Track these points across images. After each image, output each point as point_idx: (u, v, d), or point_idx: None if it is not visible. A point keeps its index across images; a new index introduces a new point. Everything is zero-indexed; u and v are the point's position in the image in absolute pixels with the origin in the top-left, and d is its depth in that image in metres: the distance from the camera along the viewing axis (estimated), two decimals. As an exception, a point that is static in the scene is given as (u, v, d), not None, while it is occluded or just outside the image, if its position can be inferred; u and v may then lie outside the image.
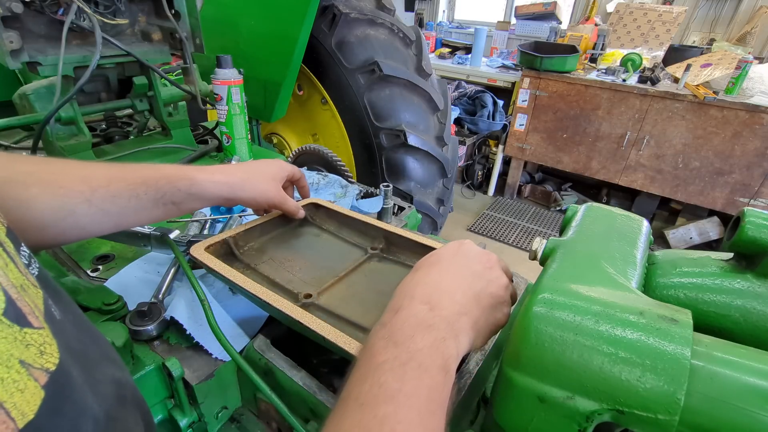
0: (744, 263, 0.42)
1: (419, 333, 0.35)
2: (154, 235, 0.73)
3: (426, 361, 0.34)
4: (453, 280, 0.42)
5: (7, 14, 0.81)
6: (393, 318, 0.37)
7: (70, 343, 0.28)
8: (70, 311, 0.32)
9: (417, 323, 0.36)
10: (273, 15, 1.50)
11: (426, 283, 0.41)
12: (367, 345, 0.37)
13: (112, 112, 1.24)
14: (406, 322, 0.37)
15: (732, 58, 2.66)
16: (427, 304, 0.38)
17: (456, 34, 4.54)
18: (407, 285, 0.42)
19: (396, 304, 0.39)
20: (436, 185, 1.69)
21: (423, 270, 0.44)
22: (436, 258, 0.45)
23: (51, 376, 0.24)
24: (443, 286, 0.41)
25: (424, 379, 0.33)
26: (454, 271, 0.43)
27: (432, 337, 0.35)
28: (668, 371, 0.31)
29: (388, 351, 0.34)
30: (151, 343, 0.61)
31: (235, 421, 0.65)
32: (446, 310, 0.38)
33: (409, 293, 0.40)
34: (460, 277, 0.42)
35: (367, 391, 0.32)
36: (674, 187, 2.89)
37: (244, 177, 0.61)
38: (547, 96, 3.11)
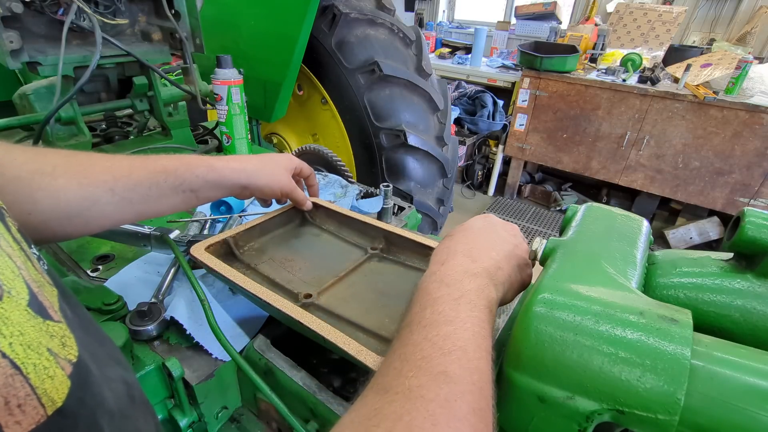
0: (744, 263, 0.42)
1: (467, 278, 0.40)
2: (154, 235, 0.73)
3: (474, 299, 0.38)
4: (487, 241, 0.47)
5: (7, 14, 0.81)
6: (441, 267, 0.42)
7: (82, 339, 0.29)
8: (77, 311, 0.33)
9: (463, 271, 0.41)
10: (273, 15, 1.50)
11: (465, 242, 0.46)
12: (422, 287, 0.41)
13: (112, 112, 1.24)
14: (454, 269, 0.41)
15: (732, 58, 2.66)
16: (469, 257, 0.43)
17: (456, 34, 4.53)
18: (448, 244, 0.47)
19: (441, 257, 0.44)
20: (436, 185, 1.69)
21: (460, 234, 0.49)
22: (469, 225, 0.50)
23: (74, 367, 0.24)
24: (480, 244, 0.46)
25: (474, 311, 0.37)
26: (487, 235, 0.48)
27: (477, 283, 0.40)
28: (668, 371, 0.31)
29: (442, 289, 0.39)
30: (151, 343, 0.61)
31: (235, 421, 0.65)
32: (486, 263, 0.43)
33: (452, 249, 0.45)
34: (493, 239, 0.48)
35: (428, 317, 0.36)
36: (674, 187, 2.89)
37: (258, 165, 0.64)
38: (547, 96, 3.11)
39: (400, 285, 0.62)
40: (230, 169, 0.61)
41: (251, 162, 0.64)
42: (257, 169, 0.64)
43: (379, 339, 0.51)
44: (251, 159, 0.65)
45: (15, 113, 1.04)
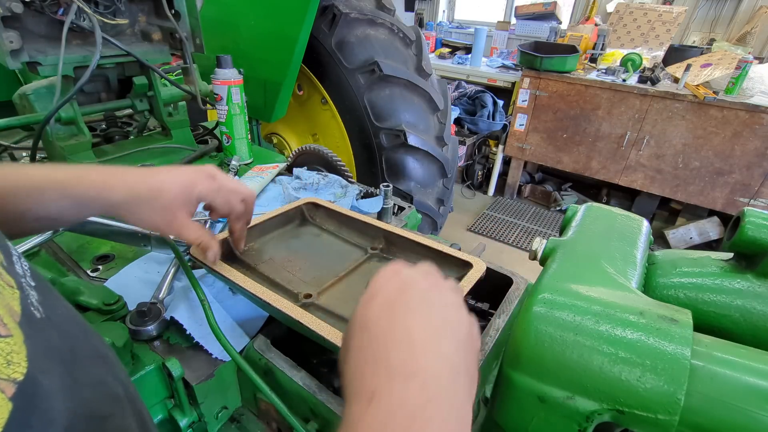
0: (744, 263, 0.42)
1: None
2: (154, 235, 0.73)
3: None
4: (424, 325, 0.31)
5: (7, 14, 0.81)
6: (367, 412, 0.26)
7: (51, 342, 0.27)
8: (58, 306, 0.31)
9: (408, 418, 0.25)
10: (273, 15, 1.50)
11: (396, 339, 0.30)
12: None
13: (112, 112, 1.24)
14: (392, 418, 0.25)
15: (732, 58, 2.66)
16: (414, 378, 0.27)
17: (456, 34, 4.53)
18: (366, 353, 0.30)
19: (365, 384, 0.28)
20: (436, 185, 1.69)
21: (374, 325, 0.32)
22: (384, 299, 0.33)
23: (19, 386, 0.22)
24: (418, 338, 0.30)
25: None
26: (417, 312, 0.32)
27: None
28: (668, 371, 0.31)
29: None
30: (151, 343, 0.61)
31: (235, 421, 0.65)
32: (439, 377, 0.28)
33: (381, 362, 0.29)
34: (428, 316, 0.32)
35: None
36: (674, 187, 2.89)
37: (125, 198, 0.50)
38: (547, 96, 3.10)
39: (400, 285, 0.62)
40: (89, 197, 0.49)
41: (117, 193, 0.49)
42: (123, 203, 0.50)
43: (379, 339, 0.50)
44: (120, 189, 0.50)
45: (15, 113, 1.04)
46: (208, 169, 0.55)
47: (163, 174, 0.52)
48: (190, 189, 0.52)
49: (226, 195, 0.55)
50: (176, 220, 0.52)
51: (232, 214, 0.57)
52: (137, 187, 0.50)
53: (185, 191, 0.52)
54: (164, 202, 0.51)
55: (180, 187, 0.51)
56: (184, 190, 0.52)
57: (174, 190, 0.51)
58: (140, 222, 0.52)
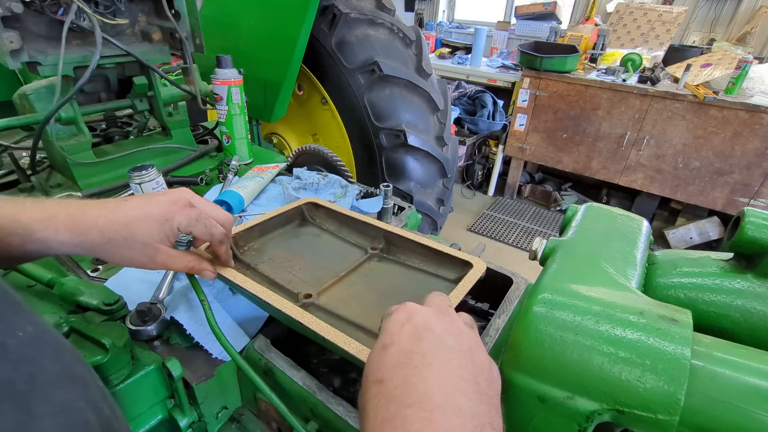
0: (744, 263, 0.42)
1: None
2: (154, 235, 0.73)
3: None
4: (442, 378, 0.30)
5: (7, 14, 0.81)
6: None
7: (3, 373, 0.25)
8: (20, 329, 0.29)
9: None
10: (273, 15, 1.50)
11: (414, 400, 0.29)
12: None
13: (112, 112, 1.24)
14: None
15: (732, 58, 2.66)
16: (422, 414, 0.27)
17: (456, 34, 4.53)
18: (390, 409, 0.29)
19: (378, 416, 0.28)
20: (436, 185, 1.69)
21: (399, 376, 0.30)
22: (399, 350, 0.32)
23: None
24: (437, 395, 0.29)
25: None
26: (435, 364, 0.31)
27: None
28: (668, 371, 0.31)
29: None
30: (151, 343, 0.61)
31: (235, 421, 0.65)
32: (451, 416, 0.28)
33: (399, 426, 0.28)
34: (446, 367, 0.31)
35: None
36: (674, 187, 2.89)
37: (102, 240, 0.47)
38: (547, 96, 3.11)
39: (400, 285, 0.62)
40: (58, 243, 0.46)
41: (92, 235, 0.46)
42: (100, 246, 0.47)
43: (379, 339, 0.50)
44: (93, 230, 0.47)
45: (15, 113, 1.04)
46: (184, 196, 0.52)
47: (136, 210, 0.49)
48: (168, 221, 0.50)
49: (205, 222, 0.52)
50: (159, 255, 0.50)
51: (213, 240, 0.54)
52: (109, 231, 0.47)
53: (163, 224, 0.49)
54: (142, 238, 0.48)
55: (156, 221, 0.49)
56: (161, 223, 0.49)
57: (150, 226, 0.49)
58: (122, 261, 0.50)
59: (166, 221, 0.49)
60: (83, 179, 1.02)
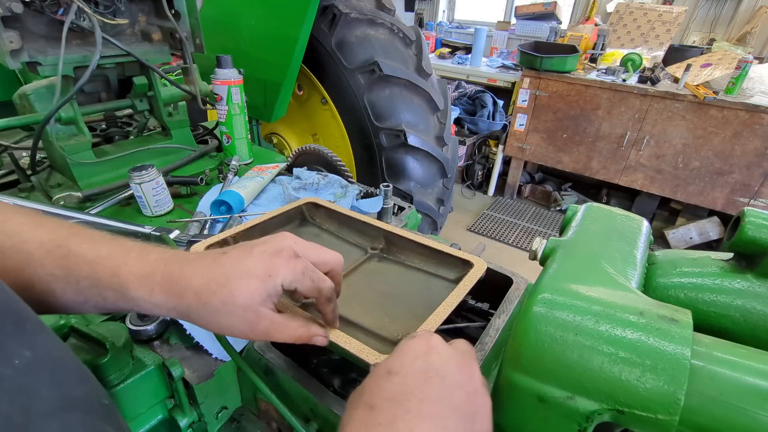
0: (744, 263, 0.42)
1: None
2: (154, 235, 0.73)
3: None
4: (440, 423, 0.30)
5: (7, 14, 0.81)
6: None
7: None
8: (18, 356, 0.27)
9: None
10: (273, 15, 1.50)
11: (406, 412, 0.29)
12: None
13: (112, 112, 1.24)
14: None
15: (732, 58, 2.66)
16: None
17: (456, 34, 4.53)
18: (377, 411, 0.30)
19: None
20: (436, 185, 1.69)
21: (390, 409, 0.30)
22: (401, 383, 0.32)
23: None
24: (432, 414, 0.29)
25: None
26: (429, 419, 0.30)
27: None
28: (668, 371, 0.31)
29: None
30: (151, 343, 0.61)
31: (235, 421, 0.65)
32: None
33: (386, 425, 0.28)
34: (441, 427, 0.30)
35: None
36: (674, 187, 2.89)
37: (198, 305, 0.40)
38: (547, 96, 3.11)
39: (400, 285, 0.62)
40: (151, 305, 0.40)
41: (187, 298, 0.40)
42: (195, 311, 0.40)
43: (380, 339, 0.51)
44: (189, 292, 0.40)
45: (15, 113, 1.04)
46: (288, 244, 0.43)
47: (234, 265, 0.41)
48: (272, 278, 0.41)
49: (312, 276, 0.43)
50: (261, 321, 0.41)
51: (320, 297, 0.44)
52: (205, 292, 0.40)
53: (265, 282, 0.41)
54: (242, 301, 0.40)
55: (258, 279, 0.41)
56: (264, 281, 0.41)
57: (251, 285, 0.40)
58: (220, 329, 0.42)
59: (269, 278, 0.41)
60: (83, 179, 1.03)
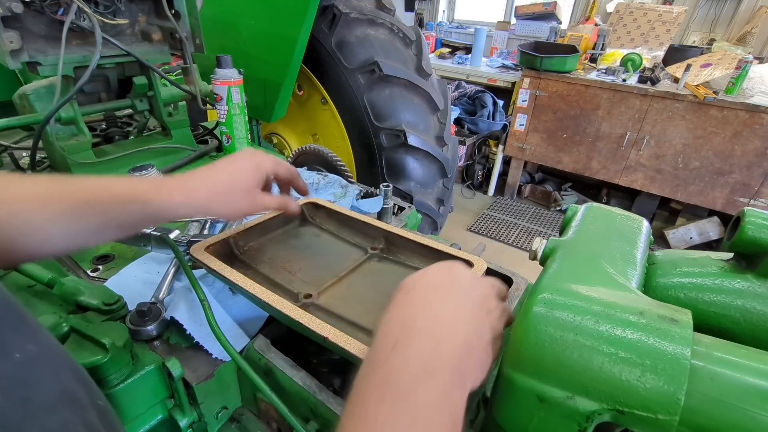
0: (744, 263, 0.42)
1: (423, 383, 0.31)
2: (154, 235, 0.73)
3: (433, 418, 0.30)
4: (455, 311, 0.36)
5: (7, 14, 0.81)
6: (390, 357, 0.32)
7: None
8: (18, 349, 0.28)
9: (420, 368, 0.31)
10: (273, 15, 1.50)
11: (427, 311, 0.36)
12: (360, 391, 0.32)
13: (112, 112, 1.24)
14: (407, 366, 0.31)
15: (732, 58, 2.66)
16: (430, 340, 0.33)
17: (456, 34, 4.53)
18: (405, 311, 0.36)
19: (392, 334, 0.34)
20: (436, 185, 1.69)
21: (419, 294, 0.38)
22: (431, 281, 0.39)
23: None
24: (445, 317, 0.36)
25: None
26: (454, 300, 0.37)
27: (438, 388, 0.31)
28: (668, 371, 0.31)
29: (386, 408, 0.29)
30: (151, 343, 0.61)
31: (235, 421, 0.65)
32: (451, 348, 0.33)
33: (407, 323, 0.34)
34: (462, 307, 0.37)
35: None
36: (674, 187, 2.89)
37: (209, 194, 0.54)
38: (547, 96, 3.11)
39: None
40: (172, 205, 0.51)
41: (200, 191, 0.53)
42: (207, 200, 0.54)
43: (379, 339, 0.50)
44: (201, 186, 0.54)
45: (15, 113, 1.04)
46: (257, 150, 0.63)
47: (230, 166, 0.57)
48: (259, 167, 0.59)
49: (282, 162, 0.63)
50: (258, 197, 0.59)
51: (293, 175, 0.65)
52: (214, 186, 0.55)
53: (256, 171, 0.58)
54: (243, 186, 0.56)
55: (251, 170, 0.58)
56: (255, 170, 0.58)
57: (247, 174, 0.57)
58: (228, 211, 0.57)
59: (257, 167, 0.58)
60: (83, 179, 1.02)
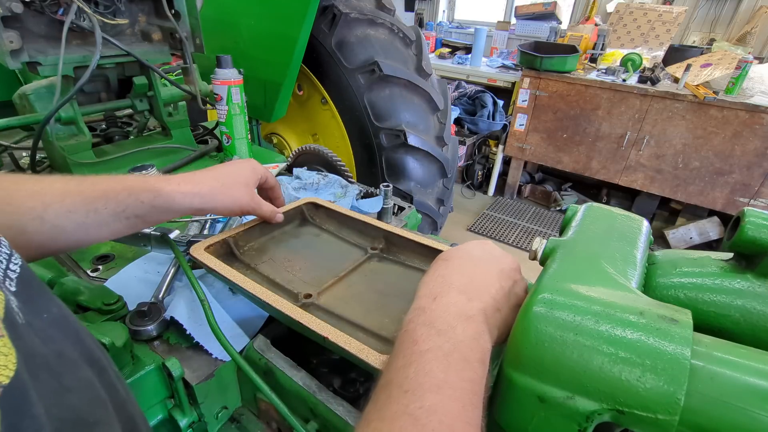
0: (744, 263, 0.42)
1: (461, 323, 0.36)
2: (154, 235, 0.73)
3: (468, 353, 0.34)
4: (487, 275, 0.42)
5: (7, 14, 0.81)
6: (432, 304, 0.38)
7: (34, 348, 0.27)
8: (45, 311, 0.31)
9: (457, 312, 0.37)
10: (273, 15, 1.50)
11: (462, 273, 0.42)
12: (407, 329, 0.36)
13: (112, 112, 1.24)
14: (447, 310, 0.37)
15: (732, 58, 2.66)
16: (465, 294, 0.39)
17: (456, 34, 4.54)
18: (442, 272, 0.42)
19: (432, 289, 0.40)
20: (436, 185, 1.69)
21: (455, 261, 0.44)
22: (466, 252, 0.45)
23: (4, 390, 0.21)
24: (479, 278, 0.41)
25: (466, 372, 0.33)
26: (487, 267, 0.43)
27: (472, 329, 0.36)
28: (668, 371, 0.31)
29: (431, 339, 0.34)
30: (151, 343, 0.61)
31: (235, 421, 0.65)
32: (483, 302, 0.39)
33: (446, 281, 0.40)
34: (492, 273, 0.43)
35: (412, 377, 0.32)
36: (674, 187, 2.89)
37: (214, 186, 0.59)
38: (547, 96, 3.11)
39: (400, 285, 0.62)
40: (181, 194, 0.56)
41: (206, 183, 0.58)
42: (213, 190, 0.59)
43: (380, 339, 0.50)
44: (207, 179, 0.59)
45: (15, 113, 1.04)
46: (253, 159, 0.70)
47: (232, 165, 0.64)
48: (255, 170, 0.65)
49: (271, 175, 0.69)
50: (254, 195, 0.65)
51: (276, 186, 0.71)
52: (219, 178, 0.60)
53: (254, 172, 0.65)
54: (243, 181, 0.63)
55: (250, 170, 0.65)
56: (253, 171, 0.65)
57: (247, 172, 0.64)
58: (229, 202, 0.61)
59: (255, 169, 0.66)
60: (83, 179, 1.02)
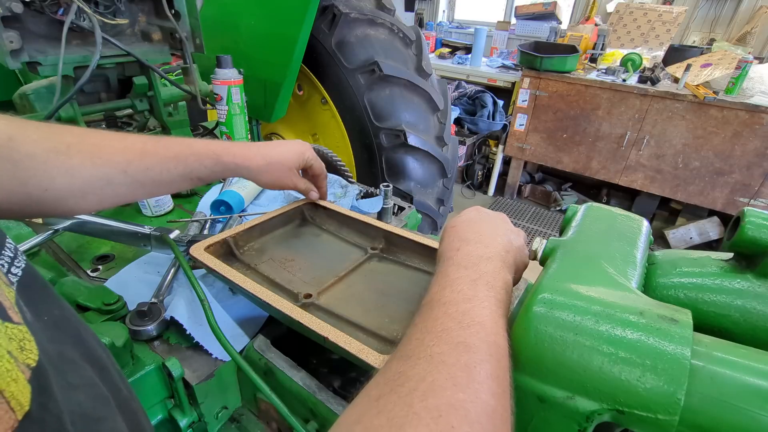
0: (744, 263, 0.42)
1: (482, 262, 0.43)
2: (154, 235, 0.73)
3: (491, 280, 0.41)
4: (492, 228, 0.49)
5: (7, 14, 0.81)
6: (456, 254, 0.45)
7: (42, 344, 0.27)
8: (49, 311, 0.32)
9: (478, 255, 0.44)
10: (273, 15, 1.50)
11: (472, 230, 0.49)
12: (440, 271, 0.43)
13: (112, 112, 1.24)
14: (470, 254, 0.44)
15: (732, 58, 2.66)
16: (481, 243, 0.46)
17: (456, 34, 4.53)
18: (456, 232, 0.49)
19: (454, 245, 0.46)
20: (436, 185, 1.69)
21: (463, 224, 0.50)
22: (467, 216, 0.52)
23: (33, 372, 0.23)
24: (486, 232, 0.48)
25: (491, 292, 0.40)
26: (489, 222, 0.51)
27: (492, 265, 0.43)
28: (668, 371, 0.31)
29: (460, 272, 0.42)
30: (151, 343, 0.61)
31: (235, 421, 0.65)
32: (497, 248, 0.46)
33: (462, 237, 0.47)
34: (494, 226, 0.50)
35: (448, 295, 0.39)
36: (674, 187, 2.89)
37: (261, 164, 0.66)
38: (547, 96, 3.10)
39: (400, 285, 0.62)
40: (235, 165, 0.63)
41: (254, 160, 0.65)
42: (258, 169, 0.65)
43: (380, 339, 0.51)
44: (256, 157, 0.65)
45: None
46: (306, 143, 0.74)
47: (281, 146, 0.70)
48: (302, 154, 0.71)
49: (320, 162, 0.75)
50: (295, 177, 0.72)
51: (322, 173, 0.76)
52: (267, 156, 0.66)
53: (300, 156, 0.71)
54: (288, 164, 0.69)
55: (296, 154, 0.70)
56: (299, 155, 0.71)
57: (292, 156, 0.70)
58: (272, 180, 0.68)
59: (302, 153, 0.71)
60: (83, 179, 1.02)
